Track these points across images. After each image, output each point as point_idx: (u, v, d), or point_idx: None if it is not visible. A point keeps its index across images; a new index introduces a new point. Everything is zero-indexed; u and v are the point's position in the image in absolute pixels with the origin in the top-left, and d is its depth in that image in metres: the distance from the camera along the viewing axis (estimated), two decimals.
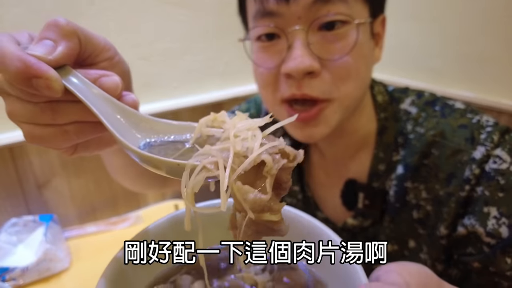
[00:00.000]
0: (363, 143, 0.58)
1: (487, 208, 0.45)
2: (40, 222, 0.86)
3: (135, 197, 1.09)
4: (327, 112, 0.49)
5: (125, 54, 1.06)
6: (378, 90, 0.59)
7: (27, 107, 0.28)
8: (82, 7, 0.85)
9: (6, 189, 0.86)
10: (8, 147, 0.84)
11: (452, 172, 0.49)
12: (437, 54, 0.98)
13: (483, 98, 0.89)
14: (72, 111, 0.29)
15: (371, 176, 0.57)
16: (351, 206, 0.59)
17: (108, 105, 0.27)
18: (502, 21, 0.84)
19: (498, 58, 0.87)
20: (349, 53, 0.46)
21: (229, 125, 0.25)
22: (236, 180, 0.22)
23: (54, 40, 0.27)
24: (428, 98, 0.56)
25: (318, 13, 0.44)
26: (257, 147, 0.22)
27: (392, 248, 0.58)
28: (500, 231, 0.44)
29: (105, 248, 0.91)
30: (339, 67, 0.46)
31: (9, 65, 0.25)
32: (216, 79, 1.14)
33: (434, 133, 0.51)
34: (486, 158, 0.46)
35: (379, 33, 0.53)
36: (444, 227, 0.50)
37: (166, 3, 0.97)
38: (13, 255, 0.82)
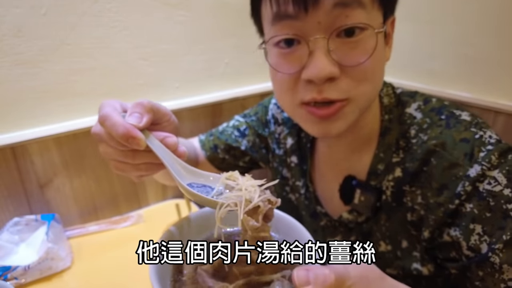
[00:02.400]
0: (367, 141, 0.60)
1: (473, 225, 0.47)
2: (42, 221, 0.87)
3: (136, 197, 1.09)
4: (346, 110, 0.50)
5: (126, 54, 1.07)
6: (386, 92, 0.60)
7: (117, 152, 0.43)
8: (83, 8, 0.86)
9: (8, 189, 0.87)
10: (10, 147, 0.84)
11: (445, 184, 0.50)
12: (434, 55, 0.99)
13: (480, 99, 0.90)
14: (145, 156, 0.43)
15: (369, 174, 0.59)
16: (347, 201, 0.61)
17: (170, 157, 0.42)
18: (499, 23, 0.85)
19: (495, 59, 0.87)
20: (367, 59, 0.47)
21: (240, 181, 0.40)
22: (244, 214, 0.37)
23: (140, 114, 0.42)
24: (435, 105, 0.56)
25: (338, 19, 0.45)
26: (256, 197, 0.38)
27: (386, 248, 0.59)
28: (480, 247, 0.46)
29: (106, 247, 0.92)
30: (357, 71, 0.48)
31: (117, 130, 0.39)
32: (216, 80, 1.15)
33: (436, 142, 0.51)
34: (481, 178, 0.47)
35: (389, 33, 0.54)
36: (428, 232, 0.52)
37: (167, 4, 0.97)
38: (15, 254, 0.83)
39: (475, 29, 0.89)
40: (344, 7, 0.44)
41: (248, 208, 0.37)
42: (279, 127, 0.75)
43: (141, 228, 1.00)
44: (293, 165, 0.72)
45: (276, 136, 0.76)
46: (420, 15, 1.00)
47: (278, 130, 0.76)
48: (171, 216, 0.91)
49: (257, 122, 0.79)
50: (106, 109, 0.41)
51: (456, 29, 0.93)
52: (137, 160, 0.44)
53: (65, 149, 0.92)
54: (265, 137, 0.78)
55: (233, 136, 0.79)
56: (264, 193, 0.38)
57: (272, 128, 0.77)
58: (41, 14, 0.81)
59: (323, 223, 0.68)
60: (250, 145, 0.78)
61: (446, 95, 0.96)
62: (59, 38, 0.85)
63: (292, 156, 0.73)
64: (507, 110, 0.86)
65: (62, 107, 0.90)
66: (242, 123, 0.80)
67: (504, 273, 0.44)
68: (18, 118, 0.85)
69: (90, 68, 0.91)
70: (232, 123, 0.81)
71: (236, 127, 0.80)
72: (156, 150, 0.41)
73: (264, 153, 0.79)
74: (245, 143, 0.78)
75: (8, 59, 0.80)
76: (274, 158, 0.77)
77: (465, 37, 0.92)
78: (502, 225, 0.45)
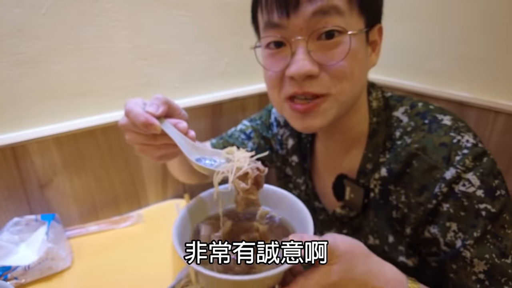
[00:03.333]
0: (356, 142, 0.64)
1: (449, 223, 0.52)
2: (42, 221, 0.87)
3: (136, 197, 1.09)
4: (325, 105, 0.55)
5: (126, 54, 1.07)
6: (375, 95, 0.64)
7: (140, 136, 0.52)
8: (83, 7, 0.86)
9: (8, 189, 0.87)
10: (10, 147, 0.84)
11: (425, 185, 0.55)
12: (434, 55, 0.99)
13: (480, 99, 0.90)
14: (164, 139, 0.51)
15: (359, 173, 0.63)
16: (339, 197, 0.66)
17: (181, 137, 0.50)
18: (499, 22, 0.85)
19: (495, 59, 0.87)
20: (343, 58, 0.52)
21: (236, 154, 0.48)
22: (236, 178, 0.46)
23: (157, 105, 0.50)
24: (420, 109, 0.60)
25: (317, 25, 0.50)
26: (246, 165, 0.46)
27: (374, 242, 0.64)
28: (455, 243, 0.51)
29: (106, 247, 0.92)
30: (335, 70, 0.53)
31: (139, 119, 0.48)
32: (216, 80, 1.15)
33: (417, 146, 0.56)
34: (456, 180, 0.51)
35: (376, 41, 0.58)
36: (409, 229, 0.57)
37: (167, 4, 0.97)
38: (15, 254, 0.83)
39: (475, 29, 0.89)
40: (323, 14, 0.50)
41: (239, 174, 0.45)
42: (281, 129, 0.81)
43: (141, 228, 1.01)
44: (294, 164, 0.78)
45: (279, 137, 0.82)
46: (420, 14, 1.00)
47: (280, 132, 0.82)
48: (171, 216, 0.91)
49: (261, 125, 0.85)
50: (130, 104, 0.50)
51: (456, 29, 0.93)
52: (158, 142, 0.52)
53: (65, 149, 0.92)
54: (269, 139, 0.84)
55: (239, 139, 0.84)
56: (254, 163, 0.46)
57: (275, 130, 0.83)
58: (41, 14, 0.81)
59: (322, 217, 0.73)
60: (256, 147, 0.83)
61: (446, 95, 0.96)
62: (59, 38, 0.85)
63: (293, 155, 0.78)
64: (507, 110, 0.86)
65: (62, 107, 0.90)
66: (248, 126, 0.86)
67: (475, 266, 0.50)
68: (18, 118, 0.85)
69: (90, 68, 0.91)
70: (239, 127, 0.87)
71: (242, 131, 0.86)
72: (169, 132, 0.49)
73: (269, 153, 0.84)
74: (250, 145, 0.84)
75: (8, 59, 0.80)
76: (278, 158, 0.83)
77: (465, 37, 0.92)
78: (474, 223, 0.50)
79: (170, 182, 1.14)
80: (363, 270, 0.45)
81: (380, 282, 0.46)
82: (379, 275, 0.47)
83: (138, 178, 1.07)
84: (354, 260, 0.45)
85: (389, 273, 0.48)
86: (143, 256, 0.89)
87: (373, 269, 0.47)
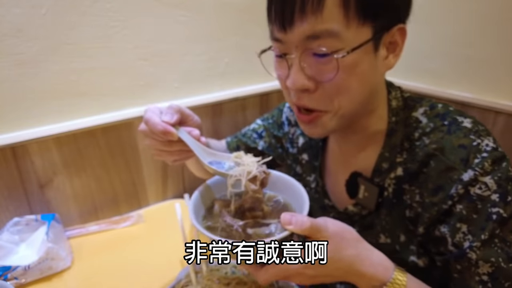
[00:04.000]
0: (373, 141, 0.64)
1: (459, 224, 0.52)
2: (42, 221, 0.87)
3: (136, 197, 1.09)
4: (323, 119, 0.57)
5: (126, 55, 1.07)
6: (394, 95, 0.64)
7: (158, 143, 0.57)
8: (83, 7, 0.86)
9: (8, 189, 0.87)
10: (10, 147, 0.84)
11: (441, 185, 0.54)
12: (435, 55, 0.99)
13: (481, 99, 0.90)
14: (178, 145, 0.57)
15: (374, 171, 0.63)
16: (353, 195, 0.66)
17: (195, 144, 0.57)
18: (500, 23, 0.85)
19: (496, 59, 0.88)
20: (334, 76, 0.52)
21: (244, 159, 0.55)
22: (247, 181, 0.52)
23: (171, 113, 0.56)
24: (439, 111, 0.59)
25: (310, 45, 0.51)
26: (255, 170, 0.53)
27: (386, 240, 0.64)
28: (463, 244, 0.52)
29: (106, 247, 0.92)
30: (329, 86, 0.53)
31: (157, 128, 0.54)
32: (216, 80, 1.15)
33: (435, 146, 0.55)
34: (473, 182, 0.51)
35: (395, 42, 0.55)
36: (422, 228, 0.58)
37: (167, 4, 0.97)
38: (15, 254, 0.83)
39: (476, 29, 0.89)
40: (315, 39, 0.50)
41: (249, 177, 0.52)
42: (292, 128, 0.83)
43: (141, 228, 1.01)
44: (304, 162, 0.79)
45: (290, 136, 0.84)
46: (422, 15, 1.00)
47: (291, 131, 0.83)
48: (171, 216, 0.91)
49: (273, 124, 0.87)
50: (148, 113, 0.56)
51: (457, 29, 0.93)
52: (173, 148, 0.58)
53: (65, 149, 0.92)
54: (280, 138, 0.86)
55: (252, 138, 0.87)
56: (261, 167, 0.54)
57: (286, 129, 0.85)
58: (41, 14, 0.81)
59: (332, 215, 0.73)
60: (267, 146, 0.86)
61: (447, 95, 0.96)
62: (59, 38, 0.85)
63: (304, 153, 0.79)
64: (507, 110, 0.86)
65: (62, 107, 0.90)
66: (260, 126, 0.88)
67: (480, 267, 0.50)
68: (18, 118, 0.86)
69: (90, 68, 0.91)
70: (252, 127, 0.90)
71: (255, 130, 0.88)
72: (185, 139, 0.55)
73: (280, 152, 0.86)
74: (262, 144, 0.86)
75: (9, 59, 0.80)
76: (288, 156, 0.84)
77: (466, 37, 0.92)
78: (483, 226, 0.50)
79: (170, 182, 1.14)
80: (351, 253, 0.49)
81: (366, 266, 0.49)
82: (366, 259, 0.49)
83: (138, 178, 1.08)
84: (344, 243, 0.48)
85: (376, 259, 0.50)
86: (143, 256, 0.89)
87: (361, 254, 0.49)
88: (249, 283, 0.68)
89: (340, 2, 0.48)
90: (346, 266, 0.48)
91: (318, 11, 0.49)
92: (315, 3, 0.48)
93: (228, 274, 0.72)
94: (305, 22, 0.50)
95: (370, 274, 0.49)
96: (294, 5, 0.50)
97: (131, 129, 1.01)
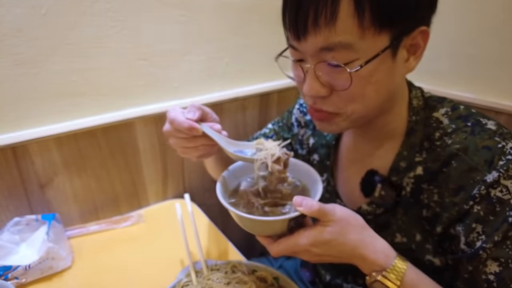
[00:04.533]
0: (391, 139, 0.64)
1: (475, 224, 0.53)
2: (42, 221, 0.87)
3: (137, 197, 1.10)
4: (337, 120, 0.58)
5: (126, 55, 1.07)
6: (415, 94, 0.64)
7: (183, 140, 0.61)
8: (83, 7, 0.86)
9: (8, 189, 0.87)
10: (11, 147, 0.85)
11: (462, 186, 0.54)
12: (436, 55, 0.99)
13: (482, 99, 0.90)
14: (202, 140, 0.61)
15: (391, 170, 0.63)
16: (367, 193, 0.66)
17: (218, 136, 0.61)
18: (501, 23, 0.85)
19: (497, 59, 0.88)
20: (349, 86, 0.52)
21: (266, 144, 0.59)
22: (272, 163, 0.57)
23: (193, 111, 0.60)
24: (462, 112, 0.59)
25: (325, 57, 0.52)
26: (278, 152, 0.58)
27: (402, 240, 0.64)
28: (476, 244, 0.52)
29: (107, 247, 0.93)
30: (344, 94, 0.54)
31: (183, 125, 0.58)
32: (216, 80, 1.15)
33: (459, 147, 0.55)
34: (495, 184, 0.51)
35: (417, 44, 0.54)
36: (441, 228, 0.58)
37: (167, 4, 0.97)
38: (15, 254, 0.83)
39: (477, 29, 0.89)
40: (329, 50, 0.50)
41: (274, 159, 0.57)
42: (302, 129, 0.84)
43: (142, 228, 1.01)
44: (315, 162, 0.80)
45: (299, 137, 0.85)
46: None
47: (301, 132, 0.85)
48: (171, 216, 0.92)
49: (283, 127, 0.89)
50: (173, 113, 0.60)
51: (458, 29, 0.93)
52: (197, 143, 0.61)
53: (65, 149, 0.92)
54: (290, 140, 0.88)
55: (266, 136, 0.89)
56: (282, 149, 0.58)
57: (295, 131, 0.86)
58: (41, 14, 0.81)
59: None
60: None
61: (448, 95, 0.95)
62: (59, 38, 0.85)
63: (314, 154, 0.80)
64: (508, 111, 0.86)
65: (62, 107, 0.90)
66: (271, 130, 0.91)
67: (487, 266, 0.51)
68: (18, 118, 0.86)
69: (90, 68, 0.91)
70: (263, 131, 0.93)
71: (266, 134, 0.91)
72: (209, 133, 0.60)
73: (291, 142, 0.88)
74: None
75: (8, 59, 0.80)
76: (298, 158, 0.87)
77: (467, 37, 0.92)
78: (498, 227, 0.51)
79: (170, 182, 1.15)
80: (356, 238, 0.52)
81: (368, 251, 0.52)
82: (369, 245, 0.52)
83: (139, 178, 1.08)
84: (349, 227, 0.52)
85: (379, 246, 0.53)
86: (143, 256, 0.89)
87: (365, 239, 0.53)
88: (249, 282, 0.68)
89: (354, 12, 0.47)
90: (350, 249, 0.52)
91: (332, 23, 0.48)
92: (328, 15, 0.47)
93: (229, 273, 0.72)
94: (318, 34, 0.49)
95: (371, 259, 0.52)
96: (307, 17, 0.49)
97: (131, 129, 1.01)
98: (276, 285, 0.71)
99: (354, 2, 0.47)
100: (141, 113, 1.01)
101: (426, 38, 0.54)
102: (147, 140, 1.05)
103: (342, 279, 0.78)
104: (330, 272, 0.81)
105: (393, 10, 0.48)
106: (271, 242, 0.55)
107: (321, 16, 0.48)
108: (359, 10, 0.47)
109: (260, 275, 0.72)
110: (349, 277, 0.77)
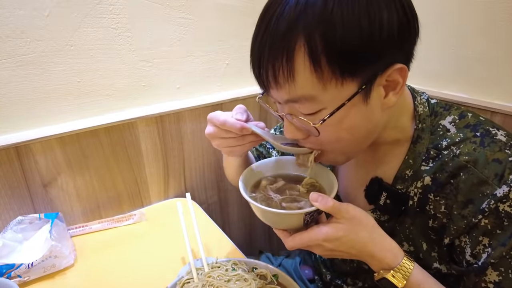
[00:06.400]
0: (396, 146, 0.63)
1: (482, 237, 0.52)
2: (45, 219, 0.88)
3: (139, 196, 1.11)
4: (330, 156, 0.60)
5: (128, 56, 1.08)
6: (420, 100, 0.62)
7: (229, 140, 0.64)
8: (86, 9, 0.87)
9: (12, 188, 0.88)
10: (14, 147, 0.86)
11: (471, 199, 0.53)
12: (430, 56, 0.99)
13: (476, 99, 0.91)
14: (249, 138, 0.64)
15: (396, 178, 0.62)
16: (372, 201, 0.66)
17: (264, 132, 0.63)
18: (495, 23, 0.86)
19: (491, 59, 0.88)
20: (320, 134, 0.53)
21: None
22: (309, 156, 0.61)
23: (241, 113, 0.63)
24: (470, 121, 0.58)
25: (292, 107, 0.54)
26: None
27: (409, 248, 0.64)
28: (481, 256, 0.52)
29: (109, 245, 0.94)
30: (319, 138, 0.55)
31: (235, 126, 0.60)
32: (217, 81, 1.16)
33: (468, 158, 0.53)
34: (504, 199, 0.50)
35: (394, 81, 0.51)
36: (448, 239, 0.57)
37: (169, 6, 0.98)
38: (18, 252, 0.84)
39: (471, 29, 0.90)
40: (294, 102, 0.52)
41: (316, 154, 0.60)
42: None
43: (144, 226, 1.02)
44: None
45: None
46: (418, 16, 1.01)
47: None
48: (173, 214, 0.92)
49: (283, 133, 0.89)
50: (222, 116, 0.62)
51: (452, 30, 0.94)
52: (245, 141, 0.64)
53: (68, 148, 0.93)
54: None
55: (266, 148, 0.91)
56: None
57: None
58: (44, 16, 0.83)
59: None
60: (280, 154, 0.89)
61: (442, 96, 0.97)
62: (62, 39, 0.86)
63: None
64: (503, 110, 0.87)
65: (65, 108, 0.92)
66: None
67: (488, 275, 0.51)
68: (21, 118, 0.87)
69: (92, 69, 0.92)
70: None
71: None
72: (257, 131, 0.63)
73: None
74: (275, 153, 0.89)
75: (12, 60, 0.82)
76: None
77: (460, 37, 0.93)
78: (504, 242, 0.50)
79: (172, 181, 1.16)
80: (366, 235, 0.53)
81: (377, 249, 0.54)
82: (379, 243, 0.54)
83: (141, 178, 1.09)
84: (360, 226, 0.53)
85: (388, 246, 0.55)
86: (145, 254, 0.90)
87: (375, 238, 0.54)
88: (250, 280, 0.69)
89: (311, 67, 0.46)
90: (360, 246, 0.53)
91: (290, 80, 0.48)
92: (286, 72, 0.48)
93: (229, 271, 0.73)
94: (280, 90, 0.51)
95: (380, 257, 0.54)
96: (267, 75, 0.51)
97: (133, 129, 1.02)
98: (275, 282, 0.72)
99: (309, 58, 0.46)
100: (143, 113, 1.02)
101: (404, 74, 0.51)
102: (149, 140, 1.06)
103: (342, 281, 0.79)
104: (331, 273, 0.82)
105: (352, 61, 0.46)
106: (287, 235, 0.57)
107: (279, 74, 0.49)
108: (315, 65, 0.46)
109: (260, 273, 0.73)
110: (348, 280, 0.77)
